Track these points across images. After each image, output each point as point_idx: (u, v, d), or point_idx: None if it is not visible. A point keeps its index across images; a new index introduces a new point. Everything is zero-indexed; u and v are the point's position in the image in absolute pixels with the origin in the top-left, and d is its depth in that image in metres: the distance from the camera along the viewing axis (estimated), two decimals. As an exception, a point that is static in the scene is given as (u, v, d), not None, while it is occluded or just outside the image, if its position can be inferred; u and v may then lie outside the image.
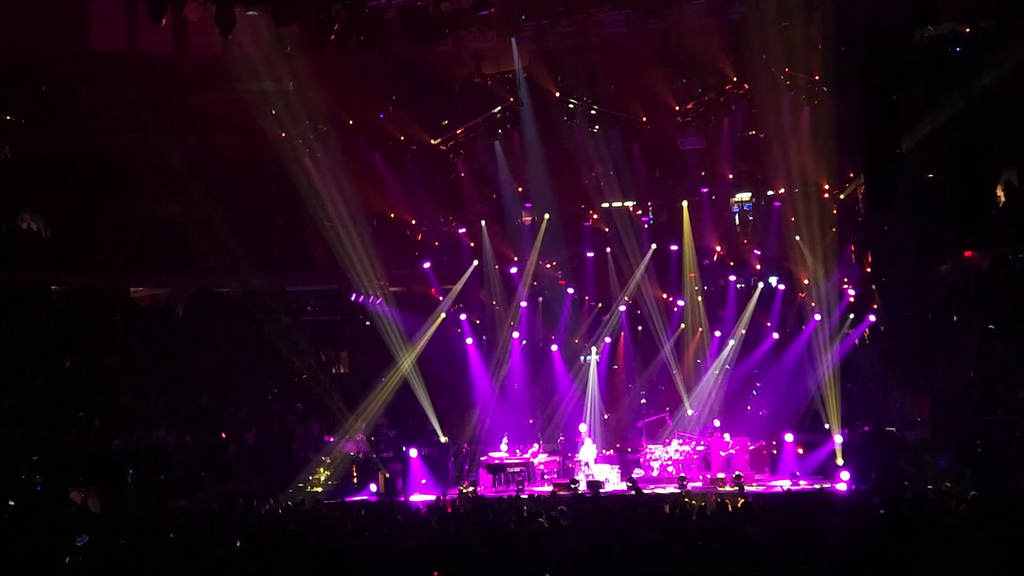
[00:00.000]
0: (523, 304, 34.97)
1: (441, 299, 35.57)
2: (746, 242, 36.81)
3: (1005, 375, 30.11)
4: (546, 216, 36.16)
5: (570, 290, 35.36)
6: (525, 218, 37.68)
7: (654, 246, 35.28)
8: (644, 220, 37.67)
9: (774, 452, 30.57)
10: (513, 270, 35.89)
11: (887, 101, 34.12)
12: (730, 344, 33.15)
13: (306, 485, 29.47)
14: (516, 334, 34.46)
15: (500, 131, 36.66)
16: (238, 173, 38.08)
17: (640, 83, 35.24)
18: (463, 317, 34.91)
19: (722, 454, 29.98)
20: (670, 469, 30.16)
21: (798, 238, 33.95)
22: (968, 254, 35.41)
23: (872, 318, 32.48)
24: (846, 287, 33.70)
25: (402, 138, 36.81)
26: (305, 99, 35.92)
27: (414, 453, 30.36)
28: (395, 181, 37.20)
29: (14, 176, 35.91)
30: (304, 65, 34.41)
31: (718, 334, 33.72)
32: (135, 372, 33.02)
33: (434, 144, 36.38)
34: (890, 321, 33.50)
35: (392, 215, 38.31)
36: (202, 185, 37.57)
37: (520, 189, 37.38)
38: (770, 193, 36.56)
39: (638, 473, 29.87)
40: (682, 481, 28.13)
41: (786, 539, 15.59)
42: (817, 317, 32.04)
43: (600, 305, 35.58)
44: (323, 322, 38.54)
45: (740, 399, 33.28)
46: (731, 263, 36.18)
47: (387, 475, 30.06)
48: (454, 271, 36.09)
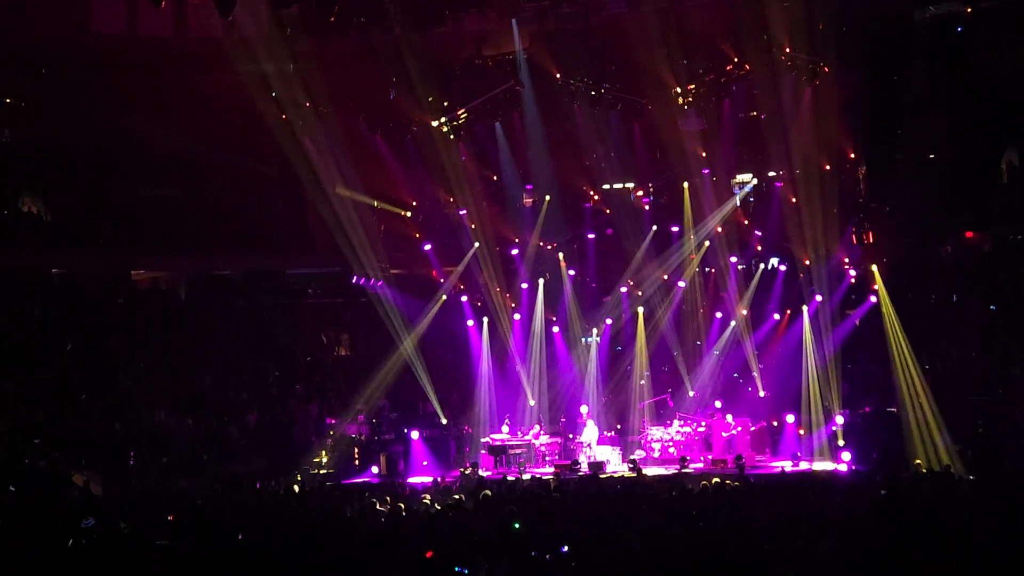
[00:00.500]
0: (524, 286, 34.94)
1: (443, 281, 35.61)
2: (747, 223, 36.72)
3: (1006, 356, 30.13)
4: (547, 198, 36.11)
5: (571, 272, 35.31)
6: (526, 200, 37.63)
7: (655, 227, 35.25)
8: (645, 201, 37.62)
9: (775, 433, 30.59)
10: (514, 252, 35.85)
11: (888, 81, 34.21)
12: (731, 325, 33.15)
13: (308, 467, 29.53)
14: (517, 316, 34.45)
15: (501, 113, 36.54)
16: (238, 156, 38.00)
17: (641, 64, 35.10)
18: (464, 299, 34.88)
19: (723, 435, 30.01)
20: (671, 450, 30.21)
21: (799, 219, 33.90)
22: (969, 234, 35.37)
23: (873, 299, 32.45)
24: (847, 268, 33.65)
25: (403, 120, 36.72)
26: (305, 81, 35.81)
27: (415, 435, 30.40)
28: (396, 162, 37.14)
29: (14, 159, 35.84)
30: (304, 47, 34.32)
31: (719, 315, 33.70)
32: (136, 355, 33.10)
33: (435, 126, 36.29)
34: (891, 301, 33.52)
35: (393, 196, 38.25)
36: (203, 168, 37.65)
37: (521, 171, 37.31)
38: (771, 174, 36.47)
39: (639, 455, 29.91)
40: (683, 462, 28.16)
41: (787, 520, 15.61)
42: (818, 298, 32.02)
43: (601, 286, 35.55)
44: (324, 304, 38.58)
45: (741, 380, 33.30)
46: (732, 244, 36.13)
47: (388, 457, 30.09)
48: (455, 253, 36.08)
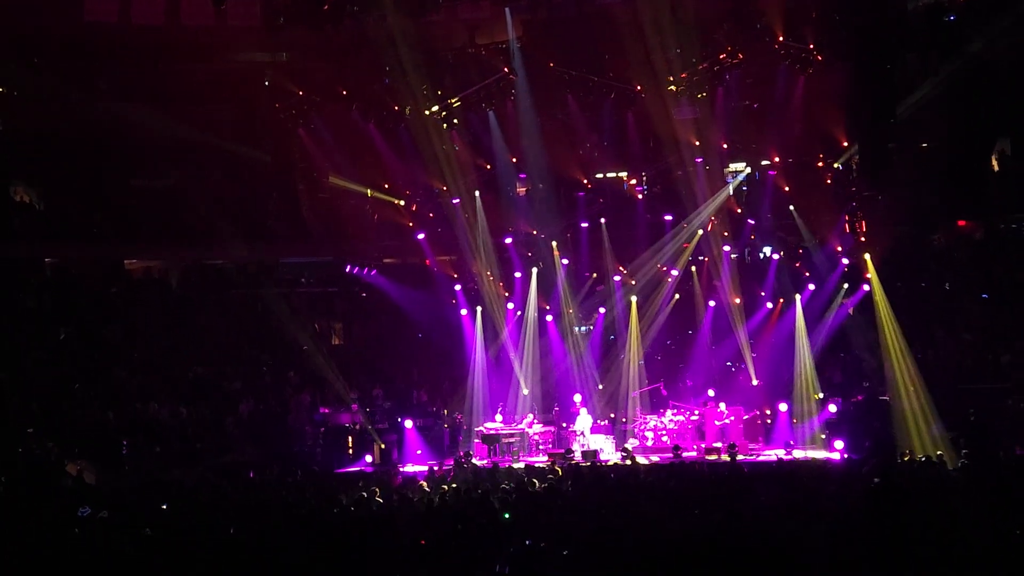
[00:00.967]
0: (517, 275, 34.95)
1: (436, 270, 35.66)
2: (740, 212, 36.76)
3: (997, 344, 30.21)
4: (540, 186, 36.12)
5: (564, 261, 35.34)
6: (519, 188, 37.62)
7: (648, 216, 35.30)
8: (638, 190, 37.64)
9: (768, 422, 30.65)
10: (508, 240, 35.86)
11: (881, 70, 34.16)
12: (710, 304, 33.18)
13: (301, 456, 29.54)
14: (511, 305, 34.47)
15: (494, 101, 36.53)
16: (232, 144, 37.94)
17: (634, 53, 35.10)
18: (458, 288, 34.90)
19: (716, 424, 30.05)
20: (665, 439, 30.25)
21: (792, 208, 33.93)
22: (962, 223, 35.44)
23: (866, 287, 32.51)
24: (840, 256, 33.69)
25: (396, 108, 36.69)
26: (299, 70, 35.80)
27: (409, 424, 30.42)
28: (389, 151, 37.12)
29: (7, 148, 35.74)
30: (297, 36, 34.28)
31: (712, 304, 33.73)
32: (130, 344, 33.07)
33: (428, 114, 36.27)
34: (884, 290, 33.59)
35: (387, 185, 38.27)
36: (196, 157, 37.56)
37: (514, 159, 37.30)
38: (764, 163, 36.50)
39: (633, 443, 29.94)
40: (676, 451, 28.19)
41: (782, 508, 15.67)
42: (811, 287, 32.07)
43: (595, 275, 35.59)
44: (317, 294, 38.57)
45: (734, 369, 33.36)
46: (725, 233, 36.16)
47: (382, 446, 30.11)
48: (448, 242, 36.10)
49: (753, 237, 35.84)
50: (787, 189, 35.04)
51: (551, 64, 35.90)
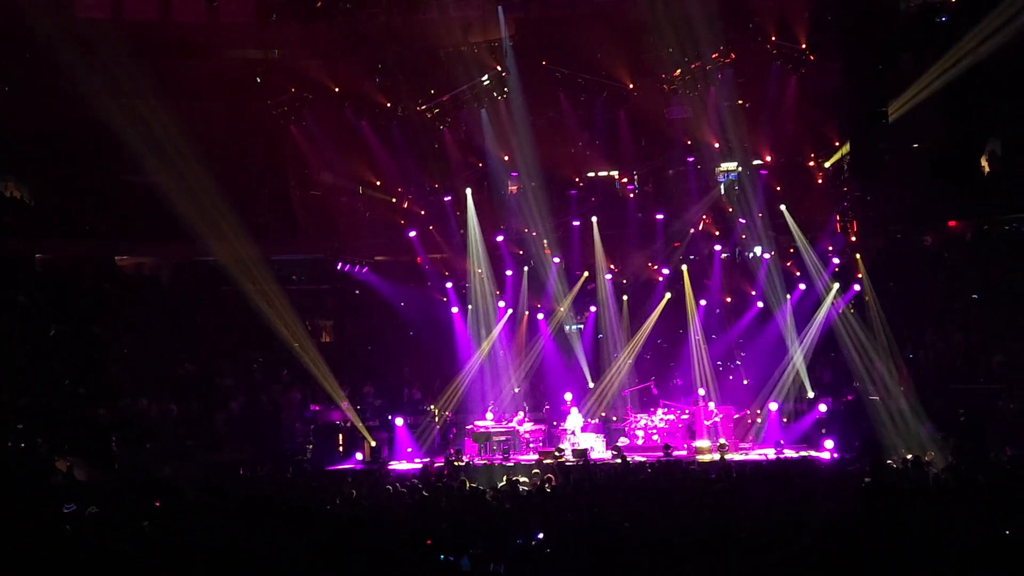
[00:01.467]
0: (508, 273, 34.96)
1: (427, 268, 35.64)
2: (731, 211, 36.79)
3: (987, 344, 30.28)
4: (532, 184, 36.11)
5: (556, 259, 35.35)
6: (511, 187, 37.61)
7: (640, 215, 35.31)
8: (629, 189, 37.65)
9: (758, 421, 30.70)
10: (499, 238, 35.86)
11: (873, 71, 34.21)
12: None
13: (292, 453, 29.53)
14: (502, 303, 34.47)
15: (486, 99, 36.51)
16: (223, 141, 37.88)
17: (627, 52, 35.13)
18: (449, 286, 34.89)
19: (707, 423, 30.10)
20: (655, 438, 30.28)
21: (783, 207, 33.97)
22: (952, 223, 35.51)
23: (857, 287, 32.59)
24: (831, 256, 33.74)
25: (388, 106, 36.65)
26: (290, 67, 35.74)
27: (400, 422, 30.42)
28: (381, 149, 37.09)
29: (-2, 144, 35.74)
30: (290, 33, 34.23)
31: (703, 303, 33.75)
32: (121, 341, 33.02)
33: (420, 112, 36.24)
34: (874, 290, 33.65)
35: (378, 183, 38.24)
36: (187, 154, 37.43)
37: (506, 158, 37.27)
38: (756, 162, 36.54)
39: (623, 442, 29.97)
40: (667, 450, 28.22)
41: (772, 506, 15.71)
42: (802, 287, 32.11)
43: (586, 274, 35.60)
44: (308, 291, 38.52)
45: (725, 368, 33.38)
46: (716, 232, 36.22)
47: (373, 444, 30.12)
48: (440, 240, 36.08)
49: (744, 236, 35.85)
50: (778, 189, 35.06)
51: (543, 62, 35.87)
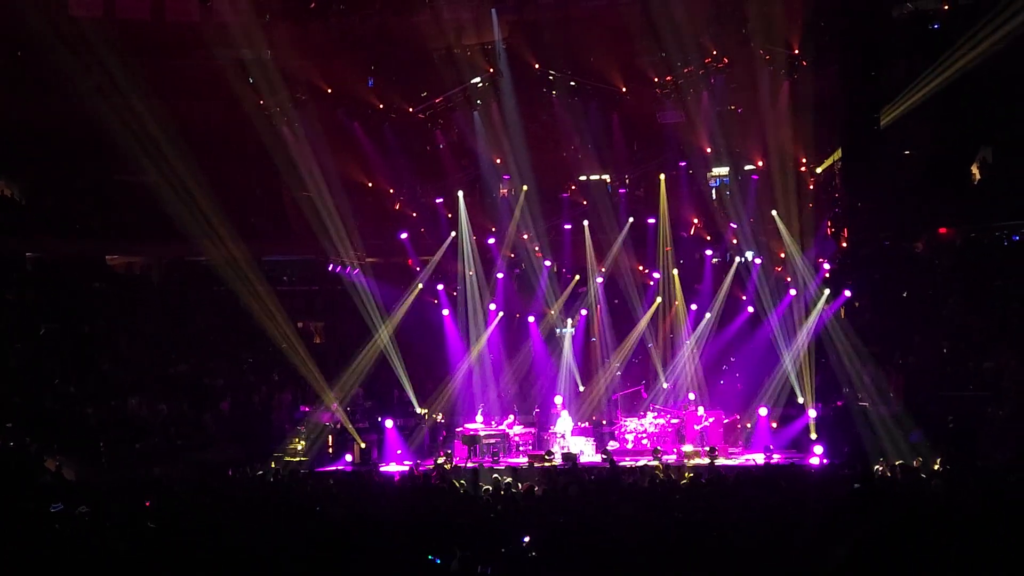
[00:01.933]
0: (500, 276, 34.96)
1: (419, 270, 35.57)
2: (723, 216, 36.83)
3: (977, 351, 30.33)
4: (524, 188, 36.10)
5: (547, 262, 35.35)
6: (503, 190, 37.61)
7: (631, 219, 35.29)
8: (621, 193, 37.67)
9: (748, 426, 30.72)
10: (491, 241, 35.85)
11: (866, 77, 34.31)
12: (706, 317, 33.20)
13: (282, 455, 29.48)
14: (493, 305, 34.47)
15: (479, 102, 36.51)
16: (215, 142, 37.83)
17: (620, 55, 35.16)
18: (440, 288, 34.87)
19: (696, 427, 30.11)
20: (645, 442, 30.28)
21: (775, 213, 34.02)
22: (943, 230, 35.56)
23: (847, 293, 32.63)
24: (822, 262, 33.79)
25: (381, 107, 36.64)
26: (284, 68, 35.74)
27: (389, 424, 30.40)
28: (374, 150, 37.07)
29: (-10, 142, 35.70)
30: (283, 33, 34.23)
31: (694, 308, 33.76)
32: (111, 340, 32.98)
33: (413, 113, 36.24)
34: (865, 296, 33.71)
35: (370, 184, 38.22)
36: (179, 153, 37.40)
37: (498, 160, 37.27)
38: (748, 167, 36.57)
39: (613, 446, 29.98)
40: (656, 454, 28.24)
41: (761, 511, 15.72)
42: (792, 292, 32.15)
43: (577, 278, 35.60)
44: (299, 292, 38.50)
45: (715, 373, 33.39)
46: (707, 237, 36.24)
47: (362, 445, 30.09)
48: (431, 242, 36.07)
49: (735, 241, 35.87)
50: (770, 194, 35.12)
51: (536, 66, 35.89)
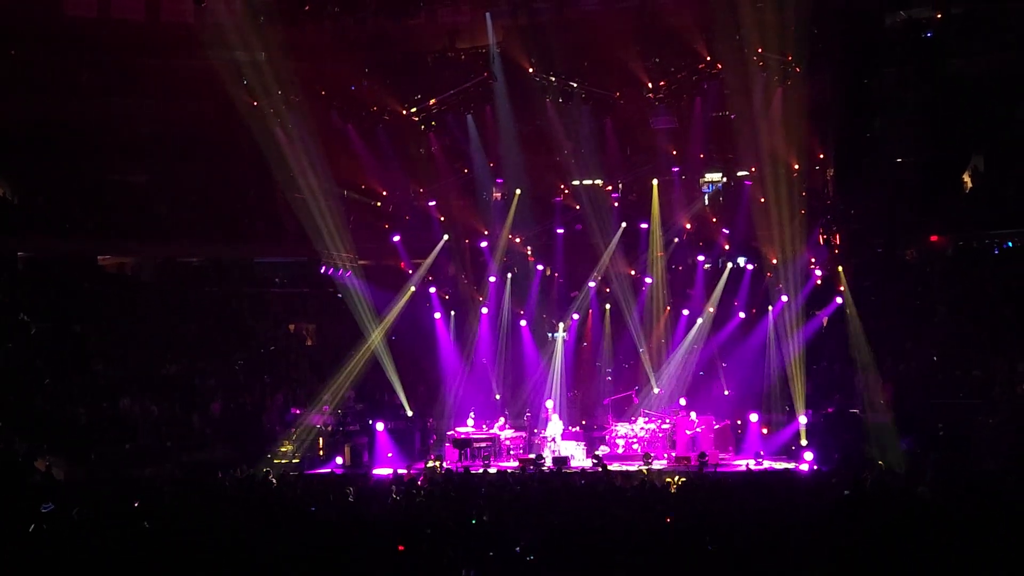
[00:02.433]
0: (492, 279, 34.95)
1: (411, 272, 35.56)
2: (715, 221, 36.88)
3: (968, 359, 30.37)
4: (517, 192, 36.11)
5: (539, 266, 35.37)
6: (496, 193, 37.63)
7: (624, 224, 35.32)
8: (614, 197, 37.71)
9: (739, 431, 30.74)
10: (483, 244, 35.86)
11: (859, 84, 34.40)
12: (698, 323, 33.24)
13: (273, 457, 29.45)
14: (485, 309, 34.47)
15: (473, 105, 36.51)
16: (209, 142, 37.84)
17: (613, 61, 35.22)
18: (432, 291, 34.87)
19: (687, 433, 30.11)
20: (635, 447, 30.29)
21: (767, 219, 34.06)
22: (934, 238, 35.63)
23: (839, 300, 32.68)
24: (813, 268, 33.83)
25: (375, 110, 36.65)
26: (278, 69, 35.72)
27: (380, 427, 30.38)
28: (367, 153, 37.06)
29: (-18, 141, 35.62)
30: (277, 35, 34.22)
31: (686, 313, 33.79)
32: (102, 340, 32.93)
33: (406, 116, 36.26)
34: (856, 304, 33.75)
35: (363, 187, 38.23)
36: (172, 154, 37.46)
37: (492, 164, 37.32)
38: (740, 173, 36.64)
39: (603, 450, 29.99)
40: (647, 459, 28.25)
41: (751, 516, 15.73)
42: (784, 298, 32.19)
43: (570, 281, 35.62)
44: (291, 294, 38.47)
45: (706, 378, 33.42)
46: (700, 243, 36.28)
47: (353, 448, 30.06)
48: (424, 245, 36.07)
49: (727, 247, 35.95)
50: (762, 200, 35.17)
51: (530, 70, 35.93)
